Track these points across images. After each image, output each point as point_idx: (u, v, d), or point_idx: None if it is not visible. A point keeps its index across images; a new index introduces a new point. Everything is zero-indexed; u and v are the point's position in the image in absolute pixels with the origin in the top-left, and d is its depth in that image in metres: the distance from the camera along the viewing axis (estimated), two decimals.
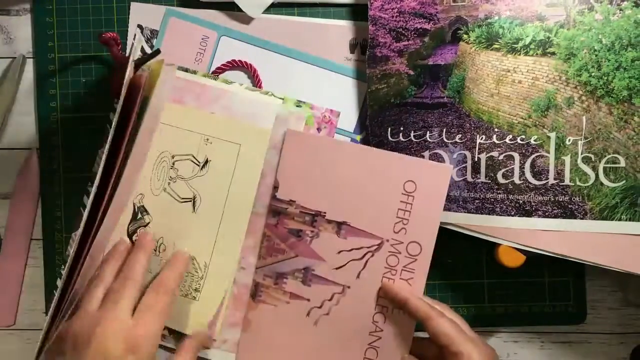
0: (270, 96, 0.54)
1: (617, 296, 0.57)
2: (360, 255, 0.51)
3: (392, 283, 0.50)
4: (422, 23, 0.53)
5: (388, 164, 0.50)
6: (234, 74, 0.57)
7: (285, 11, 0.57)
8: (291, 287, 0.52)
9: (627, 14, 0.49)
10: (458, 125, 0.52)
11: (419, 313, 0.47)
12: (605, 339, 0.58)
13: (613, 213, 0.49)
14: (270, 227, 0.52)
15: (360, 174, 0.51)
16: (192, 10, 0.57)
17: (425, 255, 0.50)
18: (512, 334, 0.58)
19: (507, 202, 0.51)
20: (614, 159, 0.49)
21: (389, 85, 0.53)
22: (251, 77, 0.57)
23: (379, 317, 0.50)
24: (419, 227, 0.50)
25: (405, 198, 0.50)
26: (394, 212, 0.50)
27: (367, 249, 0.50)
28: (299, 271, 0.52)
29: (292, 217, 0.52)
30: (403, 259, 0.50)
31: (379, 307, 0.50)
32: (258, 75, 0.56)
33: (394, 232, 0.50)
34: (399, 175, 0.50)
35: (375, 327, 0.50)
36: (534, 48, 0.51)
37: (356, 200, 0.51)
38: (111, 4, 0.57)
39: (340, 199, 0.51)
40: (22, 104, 0.58)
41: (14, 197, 0.58)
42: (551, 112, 0.50)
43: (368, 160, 0.51)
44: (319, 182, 0.51)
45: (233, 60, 0.56)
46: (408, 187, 0.50)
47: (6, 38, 0.58)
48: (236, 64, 0.56)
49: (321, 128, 0.54)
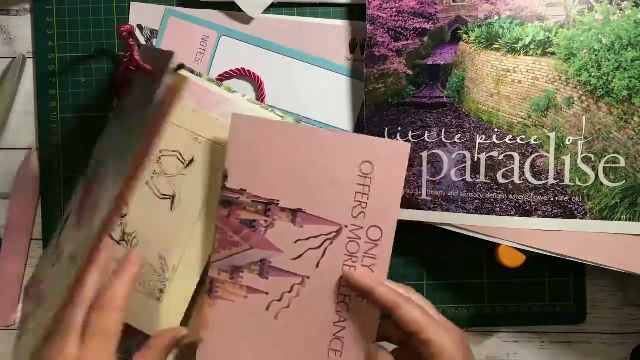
0: (271, 112, 0.54)
1: (617, 296, 0.57)
2: (319, 244, 0.48)
3: (354, 271, 0.48)
4: (422, 23, 0.53)
5: (341, 145, 0.48)
6: (240, 83, 0.57)
7: (285, 11, 0.57)
8: (248, 281, 0.49)
9: (627, 14, 0.49)
10: (457, 125, 0.52)
11: (385, 301, 0.45)
12: (605, 339, 0.58)
13: (613, 213, 0.49)
14: (222, 219, 0.49)
15: (313, 157, 0.48)
16: (192, 10, 0.57)
17: (386, 240, 0.47)
18: (512, 334, 0.58)
19: (507, 202, 0.51)
20: (614, 159, 0.49)
21: (386, 85, 0.53)
22: (256, 89, 0.56)
23: (341, 307, 0.48)
24: (378, 211, 0.47)
25: (362, 180, 0.47)
26: (351, 196, 0.48)
27: (325, 237, 0.48)
28: (255, 264, 0.49)
29: (244, 207, 0.49)
30: (364, 245, 0.47)
31: (341, 297, 0.48)
32: (263, 88, 0.56)
33: (353, 217, 0.48)
34: (354, 156, 0.47)
35: (339, 317, 0.48)
36: (534, 48, 0.50)
37: (311, 185, 0.48)
38: (111, 4, 0.57)
39: (294, 186, 0.48)
40: (22, 104, 0.58)
41: (14, 197, 0.58)
42: (551, 112, 0.50)
43: (320, 142, 0.48)
44: (270, 169, 0.49)
45: (242, 69, 0.56)
46: (365, 168, 0.47)
47: (6, 38, 0.58)
48: (243, 72, 0.56)
49: None
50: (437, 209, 0.52)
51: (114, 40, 0.57)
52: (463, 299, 0.57)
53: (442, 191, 0.52)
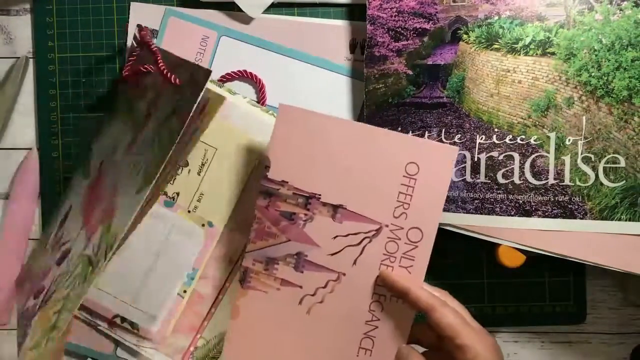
0: (270, 115, 0.54)
1: (617, 296, 0.57)
2: (357, 241, 0.48)
3: (391, 271, 0.47)
4: (422, 23, 0.53)
5: (389, 144, 0.47)
6: (241, 85, 0.57)
7: (285, 11, 0.57)
8: (282, 273, 0.49)
9: (627, 14, 0.49)
10: (457, 125, 0.52)
11: (421, 304, 0.45)
12: (605, 339, 0.58)
13: (613, 213, 0.49)
14: (261, 209, 0.49)
15: (359, 153, 0.48)
16: (191, 10, 0.57)
17: (426, 242, 0.47)
18: (512, 334, 0.58)
19: (507, 202, 0.51)
20: (614, 159, 0.49)
21: (387, 85, 0.53)
22: (257, 91, 0.56)
23: (375, 306, 0.48)
24: (420, 212, 0.47)
25: (407, 181, 0.47)
26: (394, 196, 0.47)
27: (365, 235, 0.48)
28: (291, 256, 0.49)
29: (285, 199, 0.49)
30: (403, 246, 0.47)
31: (376, 296, 0.47)
32: (264, 91, 0.56)
33: (394, 217, 0.47)
34: (401, 156, 0.47)
35: (371, 316, 0.48)
36: (534, 48, 0.50)
37: (354, 182, 0.48)
38: (111, 4, 0.57)
39: (337, 181, 0.48)
40: (22, 104, 0.58)
41: (13, 196, 0.58)
42: (551, 112, 0.50)
43: (368, 139, 0.47)
44: (314, 162, 0.48)
45: (243, 71, 0.56)
46: (410, 169, 0.47)
47: (6, 38, 0.58)
48: (245, 75, 0.56)
49: None
50: None
51: (114, 40, 0.57)
52: (463, 299, 0.57)
53: None
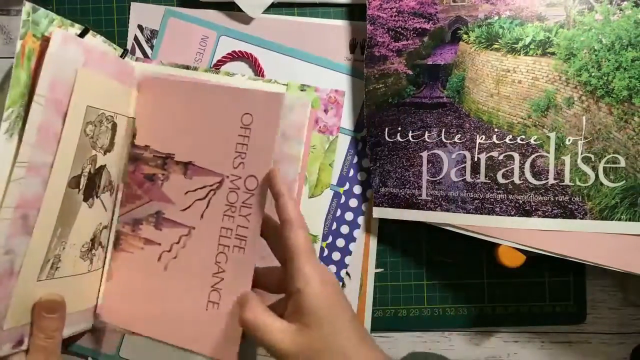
0: (274, 83, 0.54)
1: (617, 296, 0.57)
2: (204, 195, 0.49)
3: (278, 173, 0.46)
4: (422, 23, 0.53)
5: (225, 98, 0.49)
6: (236, 65, 0.57)
7: (285, 11, 0.57)
8: (145, 232, 0.51)
9: (627, 14, 0.49)
10: (457, 125, 0.52)
11: (285, 213, 0.44)
12: (605, 339, 0.58)
13: (613, 213, 0.49)
14: (129, 174, 0.52)
15: (201, 111, 0.50)
16: (191, 10, 0.57)
17: (261, 189, 0.47)
18: (512, 334, 0.58)
19: (507, 202, 0.51)
20: (614, 159, 0.49)
21: (386, 84, 0.53)
22: (252, 66, 0.57)
23: (221, 258, 0.48)
24: (255, 160, 0.48)
25: (243, 132, 0.48)
26: (232, 147, 0.49)
27: (210, 187, 0.49)
28: (152, 216, 0.51)
29: (147, 162, 0.52)
30: (242, 195, 0.48)
31: (221, 247, 0.48)
32: (260, 64, 0.56)
33: (233, 168, 0.49)
34: (236, 108, 0.49)
35: (217, 267, 0.48)
36: (534, 48, 0.50)
37: (200, 138, 0.50)
38: (111, 4, 0.57)
39: (186, 139, 0.50)
40: None
41: None
42: (551, 112, 0.50)
43: (207, 96, 0.50)
44: (169, 125, 0.51)
45: (233, 52, 0.56)
46: (245, 119, 0.48)
47: (6, 38, 0.58)
48: (237, 54, 0.56)
49: (328, 109, 0.55)
50: (437, 209, 0.52)
51: (113, 40, 0.57)
52: (463, 299, 0.57)
53: (442, 191, 0.52)
